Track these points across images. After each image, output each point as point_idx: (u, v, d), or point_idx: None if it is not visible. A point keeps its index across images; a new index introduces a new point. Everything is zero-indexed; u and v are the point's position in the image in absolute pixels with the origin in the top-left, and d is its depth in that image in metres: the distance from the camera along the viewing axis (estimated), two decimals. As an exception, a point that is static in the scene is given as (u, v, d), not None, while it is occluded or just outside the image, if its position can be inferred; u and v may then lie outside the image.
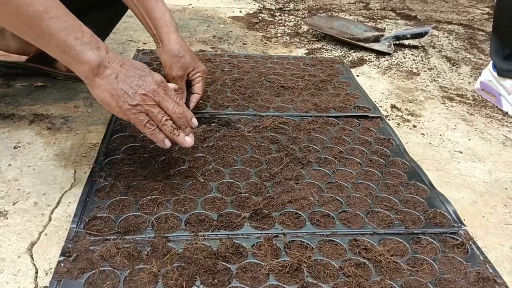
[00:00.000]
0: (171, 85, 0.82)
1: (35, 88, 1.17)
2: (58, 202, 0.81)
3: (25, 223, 0.75)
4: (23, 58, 1.19)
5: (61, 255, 0.67)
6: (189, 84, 1.03)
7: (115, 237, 0.70)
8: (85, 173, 0.87)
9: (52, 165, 0.90)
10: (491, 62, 1.38)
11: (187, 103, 1.02)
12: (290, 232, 0.75)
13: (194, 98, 1.03)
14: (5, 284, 0.65)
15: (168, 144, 0.77)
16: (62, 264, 0.65)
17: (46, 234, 0.74)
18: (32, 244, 0.72)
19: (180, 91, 1.00)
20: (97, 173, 0.84)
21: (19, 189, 0.83)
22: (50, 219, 0.77)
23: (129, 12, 1.17)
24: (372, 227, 0.78)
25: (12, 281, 0.65)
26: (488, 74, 1.38)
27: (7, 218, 0.76)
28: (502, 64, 1.34)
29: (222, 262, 0.68)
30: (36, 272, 0.67)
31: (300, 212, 0.79)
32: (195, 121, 0.81)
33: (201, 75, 1.02)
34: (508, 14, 1.28)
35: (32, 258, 0.69)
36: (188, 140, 0.78)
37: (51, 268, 0.67)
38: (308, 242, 0.73)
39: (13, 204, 0.79)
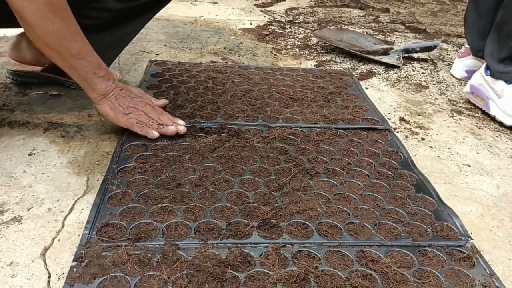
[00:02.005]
0: (162, 101, 1.11)
1: (49, 96, 1.20)
2: (71, 209, 0.83)
3: (38, 229, 0.77)
4: (39, 68, 1.22)
5: (74, 260, 0.68)
6: None
7: (127, 244, 0.72)
8: (98, 180, 0.89)
9: (65, 172, 0.92)
10: (484, 65, 1.39)
11: None
12: (298, 242, 0.76)
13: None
14: (18, 287, 0.66)
15: (156, 134, 1.00)
16: (75, 269, 0.67)
17: (59, 240, 0.75)
18: (46, 249, 0.73)
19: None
20: (109, 180, 0.86)
21: (34, 195, 0.85)
22: (63, 225, 0.79)
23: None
24: (379, 238, 0.79)
25: (25, 285, 0.67)
26: (480, 77, 1.38)
27: (21, 223, 0.78)
28: (497, 67, 1.33)
29: (231, 271, 0.69)
30: (49, 277, 0.69)
31: (307, 223, 0.80)
32: (181, 122, 1.04)
33: None
34: None
35: (45, 263, 0.71)
36: (171, 129, 1.01)
37: (63, 273, 0.69)
38: (316, 253, 0.74)
39: (28, 210, 0.81)
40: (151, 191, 0.84)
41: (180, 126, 1.02)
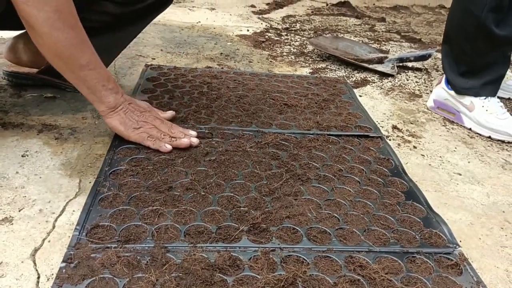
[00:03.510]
0: (170, 113, 1.10)
1: (44, 99, 1.20)
2: (63, 210, 0.83)
3: (29, 230, 0.78)
4: (34, 70, 1.23)
5: (63, 261, 0.69)
6: None
7: (116, 246, 0.72)
8: (90, 182, 0.90)
9: (58, 174, 0.92)
10: (444, 79, 1.39)
11: None
12: (287, 247, 0.76)
13: None
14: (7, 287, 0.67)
15: (169, 147, 0.98)
16: (64, 270, 0.67)
17: (49, 241, 0.76)
18: (36, 250, 0.74)
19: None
20: (101, 183, 0.86)
21: (25, 196, 0.85)
22: (54, 227, 0.79)
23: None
24: (368, 244, 0.79)
25: (14, 285, 0.67)
26: (443, 92, 1.39)
27: (12, 224, 0.78)
28: (460, 82, 1.34)
29: (219, 274, 0.69)
30: (38, 278, 0.69)
31: (297, 228, 0.81)
32: (193, 133, 1.04)
33: None
34: (465, 30, 1.29)
35: (35, 263, 0.71)
36: (185, 141, 1.00)
37: (53, 274, 0.69)
38: (304, 257, 0.75)
39: (19, 211, 0.81)
40: (142, 193, 0.84)
41: (194, 138, 1.02)
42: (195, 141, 1.01)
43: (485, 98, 1.32)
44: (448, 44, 1.37)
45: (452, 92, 1.36)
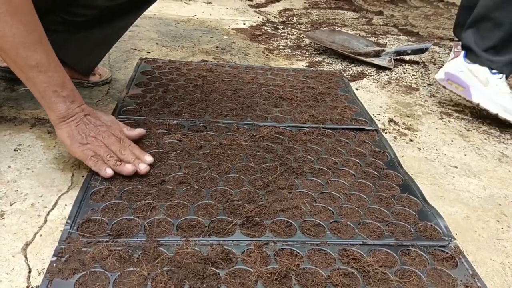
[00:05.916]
0: (137, 131, 0.97)
1: (38, 93, 1.19)
2: (55, 204, 0.82)
3: (21, 224, 0.77)
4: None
5: (54, 255, 0.68)
6: None
7: (107, 240, 0.71)
8: (83, 176, 0.89)
9: (50, 168, 0.91)
10: (462, 53, 1.39)
11: None
12: (281, 240, 0.76)
13: None
14: (-2, 282, 0.66)
15: (109, 173, 0.85)
16: (55, 264, 0.66)
17: (41, 235, 0.75)
18: (27, 244, 0.73)
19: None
20: (93, 177, 0.86)
21: (17, 190, 0.84)
22: (45, 221, 0.78)
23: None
24: (362, 237, 0.79)
25: (5, 279, 0.66)
26: (459, 64, 1.37)
27: (3, 218, 0.78)
28: (485, 55, 1.33)
29: (212, 268, 0.69)
30: (29, 272, 0.68)
31: (291, 221, 0.80)
32: (148, 158, 0.90)
33: None
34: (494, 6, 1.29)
35: (26, 258, 0.70)
36: (128, 168, 0.86)
37: (44, 268, 0.68)
38: (298, 251, 0.74)
39: (11, 205, 0.81)
40: (135, 187, 0.84)
41: (142, 164, 0.87)
42: (142, 168, 0.87)
43: (500, 78, 1.31)
44: (479, 17, 1.35)
45: (471, 66, 1.34)
